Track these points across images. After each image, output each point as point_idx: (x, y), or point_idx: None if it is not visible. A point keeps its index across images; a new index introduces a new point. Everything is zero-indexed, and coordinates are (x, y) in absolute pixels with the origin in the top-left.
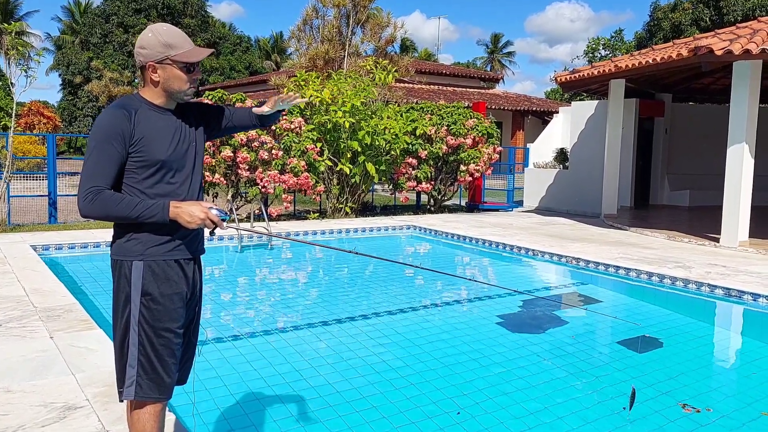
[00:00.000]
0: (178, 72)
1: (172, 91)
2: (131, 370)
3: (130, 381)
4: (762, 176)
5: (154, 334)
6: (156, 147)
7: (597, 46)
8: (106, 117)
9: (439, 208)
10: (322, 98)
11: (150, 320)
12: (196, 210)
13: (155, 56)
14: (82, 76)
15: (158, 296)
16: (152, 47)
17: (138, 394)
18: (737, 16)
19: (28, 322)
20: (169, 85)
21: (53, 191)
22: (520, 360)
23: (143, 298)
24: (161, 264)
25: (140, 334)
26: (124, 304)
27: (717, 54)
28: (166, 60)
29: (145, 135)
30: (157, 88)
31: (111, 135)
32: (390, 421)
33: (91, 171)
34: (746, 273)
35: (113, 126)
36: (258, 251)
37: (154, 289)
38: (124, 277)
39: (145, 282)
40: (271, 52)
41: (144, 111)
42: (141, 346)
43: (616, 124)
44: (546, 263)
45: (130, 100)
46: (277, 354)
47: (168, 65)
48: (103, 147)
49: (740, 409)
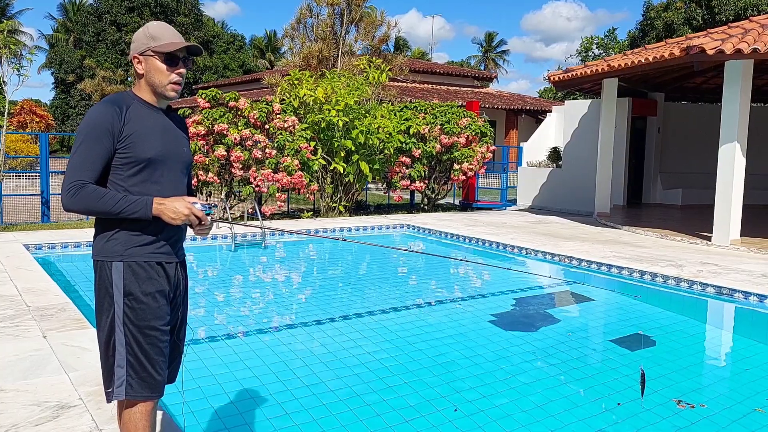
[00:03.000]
0: (159, 64)
1: (154, 85)
2: (120, 371)
3: (120, 381)
4: (753, 175)
5: (140, 333)
6: (144, 145)
7: (590, 45)
8: (96, 112)
9: (432, 207)
10: (315, 97)
11: (135, 320)
12: (179, 206)
13: (140, 47)
14: (75, 75)
15: (140, 295)
16: (138, 39)
17: (129, 394)
18: (729, 16)
19: (21, 321)
20: (150, 77)
21: (46, 190)
22: (514, 358)
23: (126, 298)
24: (143, 265)
25: (126, 334)
26: (108, 304)
27: (708, 53)
28: (148, 51)
29: (135, 132)
30: (142, 81)
31: (100, 130)
32: (383, 419)
33: (77, 165)
34: (738, 271)
35: (103, 121)
36: (251, 250)
37: (136, 288)
38: (106, 278)
39: (126, 282)
40: (265, 50)
41: (136, 107)
42: (128, 346)
43: (609, 123)
44: (539, 262)
45: (122, 96)
46: (270, 352)
47: (149, 56)
48: (90, 141)
49: (731, 407)
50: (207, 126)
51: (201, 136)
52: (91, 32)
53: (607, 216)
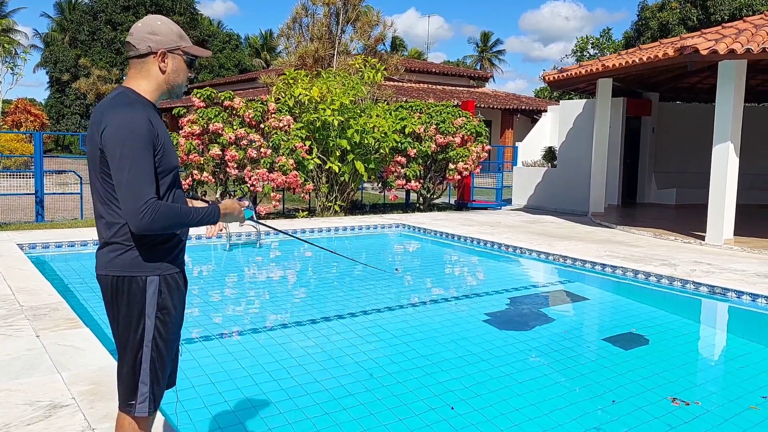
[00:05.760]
0: (184, 65)
1: (175, 84)
2: (144, 387)
3: (143, 397)
4: (747, 175)
5: (165, 347)
6: (171, 152)
7: (585, 45)
8: (140, 120)
9: (428, 207)
10: (311, 96)
11: (164, 334)
12: (239, 210)
13: (169, 44)
14: (70, 74)
15: (172, 309)
16: (166, 34)
17: (150, 409)
18: (724, 16)
19: (15, 320)
20: (174, 77)
21: (40, 189)
22: (507, 357)
23: (159, 312)
24: (173, 276)
25: (153, 349)
26: (137, 321)
27: (702, 54)
28: (178, 50)
29: (164, 140)
30: (157, 79)
31: (145, 140)
32: (377, 418)
33: (140, 181)
34: (730, 270)
35: (148, 131)
36: (246, 250)
37: (169, 302)
38: (137, 294)
39: (162, 297)
40: (261, 50)
41: (151, 111)
42: (152, 363)
43: (604, 122)
44: (533, 261)
45: (135, 98)
46: (265, 352)
47: (178, 56)
48: (142, 154)
49: (723, 405)
50: (202, 125)
51: (196, 136)
52: (87, 31)
53: (601, 215)
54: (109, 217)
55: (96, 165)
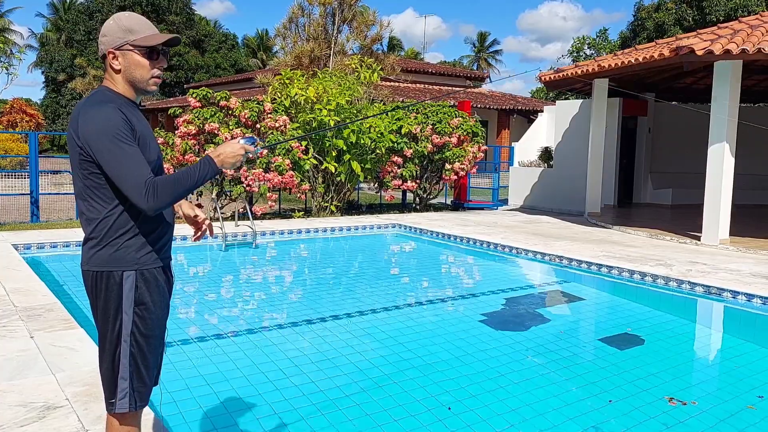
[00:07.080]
0: (139, 58)
1: (135, 80)
2: (123, 383)
3: (123, 393)
4: (743, 175)
5: (145, 343)
6: (149, 147)
7: (582, 45)
8: (111, 113)
9: (424, 207)
10: (307, 96)
11: (143, 330)
12: (235, 148)
13: (115, 42)
14: (66, 74)
15: (151, 304)
16: (112, 33)
17: (132, 406)
18: (720, 16)
19: (9, 321)
20: (130, 73)
21: (35, 190)
22: (503, 357)
23: (137, 308)
24: (152, 271)
25: (132, 345)
26: (114, 316)
27: (698, 54)
28: (126, 45)
29: (141, 134)
30: (119, 77)
31: (126, 129)
32: (373, 418)
33: (133, 166)
34: (726, 270)
35: (122, 120)
36: (242, 250)
37: (147, 298)
38: (114, 290)
39: (139, 292)
40: (257, 50)
41: (125, 106)
42: (132, 358)
43: (600, 123)
44: (529, 261)
45: (108, 96)
46: (260, 352)
47: (128, 51)
48: (123, 141)
49: (719, 405)
50: (198, 125)
51: (192, 136)
52: (82, 31)
53: (597, 215)
54: (88, 212)
55: (76, 162)
